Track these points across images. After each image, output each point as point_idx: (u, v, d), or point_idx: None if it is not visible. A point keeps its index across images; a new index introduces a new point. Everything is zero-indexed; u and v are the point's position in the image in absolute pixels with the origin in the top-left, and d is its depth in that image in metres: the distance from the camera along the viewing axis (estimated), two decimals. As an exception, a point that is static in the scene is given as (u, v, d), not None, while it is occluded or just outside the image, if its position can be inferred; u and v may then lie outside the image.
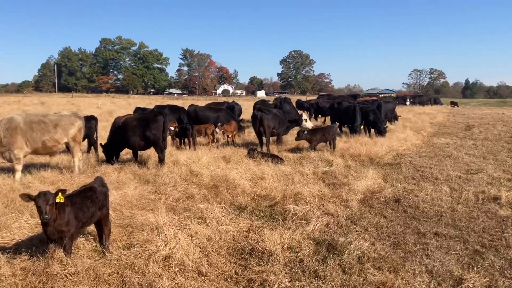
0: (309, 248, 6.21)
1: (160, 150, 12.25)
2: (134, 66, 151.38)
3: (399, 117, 28.97)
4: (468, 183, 10.46)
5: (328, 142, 15.52)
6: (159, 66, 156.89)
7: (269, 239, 6.25)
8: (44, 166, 11.97)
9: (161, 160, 12.19)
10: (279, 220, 7.64)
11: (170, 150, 14.35)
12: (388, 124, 23.61)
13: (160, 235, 6.28)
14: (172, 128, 15.86)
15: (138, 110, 20.81)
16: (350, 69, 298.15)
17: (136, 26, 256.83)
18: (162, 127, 12.27)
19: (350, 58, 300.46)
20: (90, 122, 14.29)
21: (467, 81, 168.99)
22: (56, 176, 10.60)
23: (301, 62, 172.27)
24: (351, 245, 6.17)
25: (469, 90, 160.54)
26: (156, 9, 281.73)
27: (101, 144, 13.14)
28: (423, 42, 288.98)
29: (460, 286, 5.09)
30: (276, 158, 12.71)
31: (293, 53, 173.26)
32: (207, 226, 6.96)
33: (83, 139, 12.64)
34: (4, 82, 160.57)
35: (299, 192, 9.09)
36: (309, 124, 17.98)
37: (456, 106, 59.57)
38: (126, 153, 14.00)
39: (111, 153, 12.83)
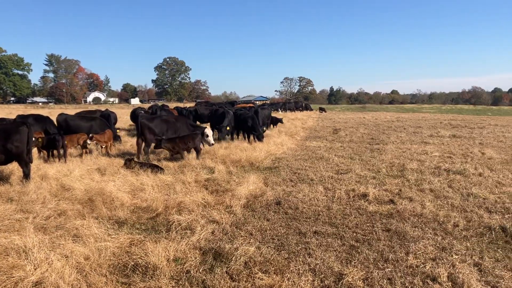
0: (196, 258, 6.07)
1: (25, 164, 11.01)
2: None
3: (282, 119, 30.71)
4: (340, 182, 11.24)
5: (190, 150, 15.20)
6: (20, 72, 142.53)
7: (152, 253, 5.97)
8: None
9: (26, 175, 10.95)
10: (162, 232, 7.36)
11: (37, 164, 13.05)
12: (265, 129, 24.56)
13: (29, 258, 5.62)
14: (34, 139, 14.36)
15: (-6, 120, 18.50)
16: (226, 77, 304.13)
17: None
18: (26, 138, 11.05)
19: (226, 66, 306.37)
20: None
21: (332, 89, 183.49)
22: None
23: (176, 69, 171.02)
24: (238, 251, 6.18)
25: (334, 97, 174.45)
26: (15, 10, 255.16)
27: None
28: (293, 51, 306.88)
29: (341, 281, 5.39)
30: (155, 168, 12.28)
31: (168, 59, 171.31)
32: (84, 244, 6.40)
33: None
34: None
35: (182, 201, 8.87)
36: (210, 137, 16.79)
37: (324, 112, 64.05)
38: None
39: (-36, 169, 11.20)
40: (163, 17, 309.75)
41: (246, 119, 19.76)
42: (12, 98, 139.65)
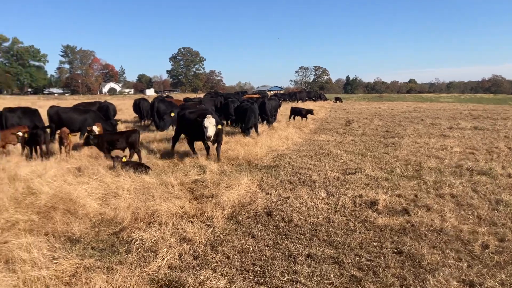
0: (145, 298, 4.71)
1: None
2: (7, 64, 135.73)
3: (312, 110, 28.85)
4: (346, 185, 9.76)
5: (130, 150, 13.06)
6: (37, 63, 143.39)
7: (91, 290, 4.63)
8: None
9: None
10: (121, 253, 5.99)
11: (17, 161, 11.91)
12: (273, 122, 23.14)
13: None
14: (21, 134, 13.12)
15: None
16: (240, 67, 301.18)
17: (8, 20, 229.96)
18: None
19: (241, 56, 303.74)
20: None
21: (348, 78, 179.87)
22: None
23: (191, 59, 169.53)
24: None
25: (350, 86, 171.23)
26: (30, 2, 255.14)
27: None
28: (309, 40, 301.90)
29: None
30: (140, 167, 10.96)
31: (182, 50, 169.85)
32: (14, 274, 5.09)
33: None
34: None
35: (156, 211, 7.50)
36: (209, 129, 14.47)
37: (339, 101, 62.01)
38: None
39: None
40: (178, 8, 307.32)
41: (246, 111, 18.14)
42: (29, 89, 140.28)
